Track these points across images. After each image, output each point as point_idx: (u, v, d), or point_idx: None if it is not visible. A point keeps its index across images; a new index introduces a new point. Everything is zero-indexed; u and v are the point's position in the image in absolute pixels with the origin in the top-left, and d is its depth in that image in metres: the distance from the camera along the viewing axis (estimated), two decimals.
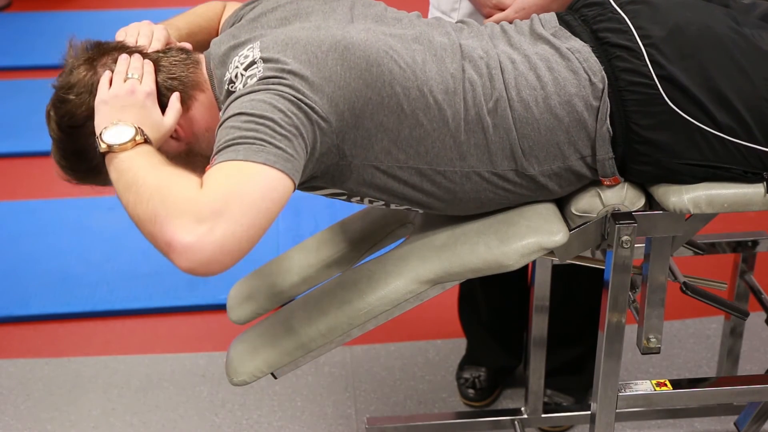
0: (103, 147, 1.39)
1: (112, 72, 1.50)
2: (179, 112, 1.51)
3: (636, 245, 1.59)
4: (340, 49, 1.44)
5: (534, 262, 1.99)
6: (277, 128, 1.34)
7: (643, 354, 1.72)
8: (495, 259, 1.57)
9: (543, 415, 2.20)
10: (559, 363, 2.29)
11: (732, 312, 1.92)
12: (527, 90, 1.51)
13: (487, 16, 1.86)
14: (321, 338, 1.61)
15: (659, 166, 1.54)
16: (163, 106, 1.49)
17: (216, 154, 1.34)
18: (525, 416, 2.19)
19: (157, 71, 1.52)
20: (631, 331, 1.73)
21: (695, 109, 1.50)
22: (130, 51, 1.54)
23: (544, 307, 2.04)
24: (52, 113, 1.54)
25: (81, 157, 1.52)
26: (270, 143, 1.32)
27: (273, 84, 1.39)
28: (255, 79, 1.42)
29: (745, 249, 2.05)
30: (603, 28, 1.56)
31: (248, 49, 1.48)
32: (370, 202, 1.58)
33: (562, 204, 1.63)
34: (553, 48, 1.55)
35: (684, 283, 1.80)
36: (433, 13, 2.11)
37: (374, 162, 1.50)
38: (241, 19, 1.64)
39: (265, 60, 1.44)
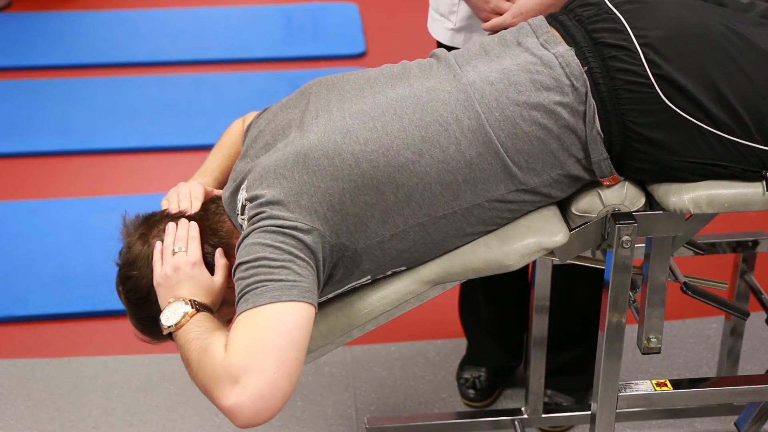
0: (164, 330, 1.50)
1: (162, 242, 1.59)
2: (227, 267, 1.59)
3: (636, 245, 1.59)
4: (302, 160, 1.50)
5: (534, 262, 1.99)
6: (272, 263, 1.42)
7: (643, 354, 1.72)
8: (495, 259, 1.57)
9: (543, 415, 2.20)
10: (560, 363, 2.29)
11: (732, 312, 1.92)
12: (510, 107, 1.51)
13: (485, 20, 1.86)
14: (321, 338, 1.61)
15: (658, 164, 1.54)
16: (210, 265, 1.58)
17: (236, 308, 1.43)
18: (525, 416, 2.19)
19: (202, 231, 1.60)
20: (631, 331, 1.73)
21: (693, 107, 1.50)
22: (175, 218, 1.62)
23: (544, 307, 2.04)
24: (120, 289, 1.65)
25: (153, 321, 1.58)
26: (270, 280, 1.40)
27: (256, 222, 1.48)
28: (246, 223, 1.51)
29: (745, 249, 2.05)
30: (598, 29, 1.56)
31: (241, 192, 1.56)
32: (394, 272, 1.61)
33: (562, 204, 1.63)
34: (535, 57, 1.55)
35: (684, 283, 1.80)
36: (431, 15, 2.10)
37: (376, 238, 1.52)
38: (245, 136, 1.71)
39: (249, 200, 1.52)
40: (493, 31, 1.81)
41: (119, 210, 1.71)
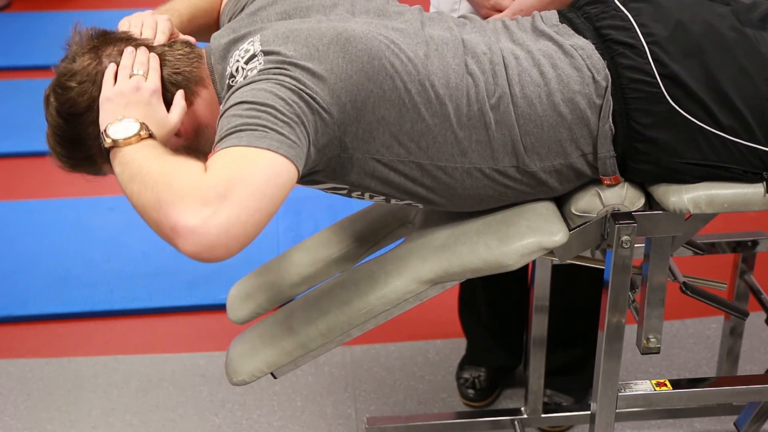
0: (108, 142, 1.38)
1: (117, 64, 1.49)
2: (184, 109, 1.51)
3: (636, 245, 1.59)
4: (342, 42, 1.44)
5: (534, 262, 1.99)
6: (279, 115, 1.33)
7: (643, 354, 1.72)
8: (495, 259, 1.57)
9: (543, 415, 2.20)
10: (559, 363, 2.29)
11: (732, 312, 1.92)
12: (531, 86, 1.51)
13: (485, 17, 1.86)
14: (321, 338, 1.61)
15: (659, 165, 1.54)
16: (167, 102, 1.49)
17: (218, 141, 1.33)
18: (525, 416, 2.19)
19: (162, 66, 1.51)
20: (631, 331, 1.73)
21: (697, 108, 1.50)
22: (136, 43, 1.53)
23: (544, 307, 2.04)
24: (51, 99, 1.52)
25: (78, 145, 1.51)
26: (273, 129, 1.32)
27: (274, 74, 1.39)
28: (256, 71, 1.41)
29: (745, 249, 2.05)
30: (606, 26, 1.56)
31: (249, 43, 1.48)
32: (371, 196, 1.58)
33: (561, 204, 1.63)
34: (556, 45, 1.55)
35: (684, 283, 1.80)
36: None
37: (375, 155, 1.50)
38: (241, 9, 1.63)
39: (266, 53, 1.43)
40: None
41: (119, 210, 1.70)
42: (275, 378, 1.66)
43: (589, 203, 1.58)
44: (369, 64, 1.44)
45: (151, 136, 1.40)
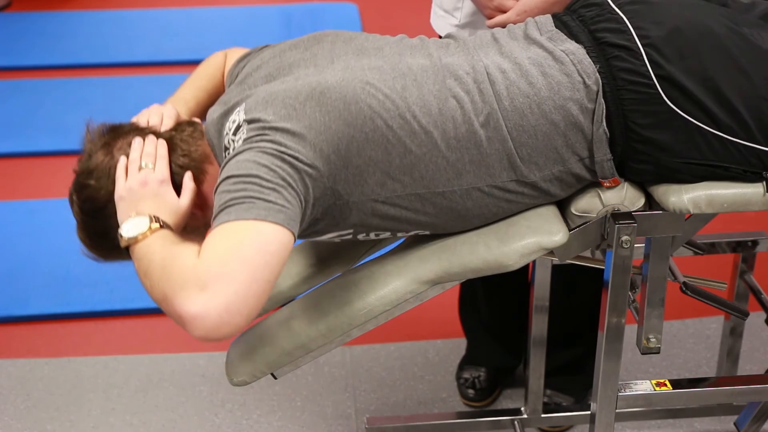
0: (123, 242, 1.45)
1: (128, 156, 1.55)
2: (194, 191, 1.55)
3: (636, 245, 1.59)
4: (317, 96, 1.47)
5: (534, 262, 1.99)
6: (264, 183, 1.37)
7: (643, 354, 1.72)
8: (495, 259, 1.57)
9: (543, 415, 2.20)
10: (559, 363, 2.29)
11: (732, 312, 1.92)
12: (520, 98, 1.51)
13: (489, 18, 1.86)
14: (321, 338, 1.61)
15: (658, 165, 1.54)
16: (177, 185, 1.54)
17: (212, 220, 1.37)
18: (525, 416, 2.19)
19: (170, 151, 1.56)
20: (631, 331, 1.73)
21: (695, 108, 1.50)
22: (143, 133, 1.59)
23: (544, 307, 2.04)
24: (74, 197, 1.60)
25: (104, 237, 1.57)
26: (259, 198, 1.35)
27: (256, 142, 1.43)
28: (241, 142, 1.45)
29: (745, 249, 2.05)
30: (601, 29, 1.56)
31: (236, 113, 1.52)
32: (377, 235, 1.59)
33: (561, 204, 1.63)
34: (546, 51, 1.55)
35: (684, 283, 1.80)
36: (435, 11, 2.10)
37: (371, 195, 1.51)
38: (234, 79, 1.67)
39: (249, 121, 1.47)
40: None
41: None
42: (275, 378, 1.66)
43: (589, 203, 1.58)
44: (346, 111, 1.46)
45: (162, 226, 1.45)
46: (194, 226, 1.53)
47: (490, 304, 2.36)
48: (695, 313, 2.64)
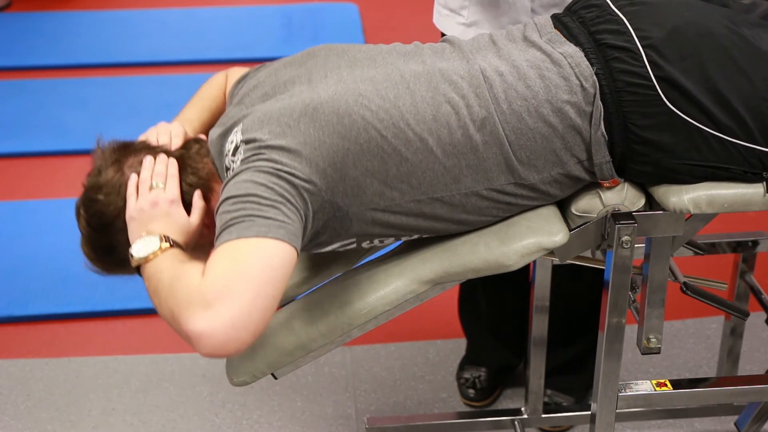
0: (134, 262, 1.47)
1: (138, 174, 1.56)
2: (203, 209, 1.58)
3: (636, 245, 1.59)
4: (310, 112, 1.48)
5: (534, 262, 1.99)
6: (263, 200, 1.39)
7: (643, 354, 1.72)
8: (495, 259, 1.57)
9: (543, 415, 2.20)
10: (560, 363, 2.29)
11: (732, 312, 1.92)
12: (518, 101, 1.51)
13: None
14: (321, 338, 1.61)
15: (659, 166, 1.54)
16: (187, 204, 1.56)
17: (215, 240, 1.39)
18: (525, 416, 2.19)
19: (180, 170, 1.58)
20: (631, 331, 1.73)
21: (694, 109, 1.50)
22: (154, 152, 1.60)
23: (544, 307, 2.04)
24: (82, 211, 1.61)
25: (109, 251, 1.59)
26: (259, 216, 1.37)
27: (252, 161, 1.45)
28: (239, 162, 1.48)
29: (745, 249, 2.05)
30: (601, 30, 1.56)
31: (234, 134, 1.53)
32: (381, 241, 1.60)
33: (562, 204, 1.63)
34: (544, 54, 1.55)
35: (684, 283, 1.80)
36: (439, 11, 2.09)
37: (370, 205, 1.52)
38: (233, 99, 1.68)
39: (245, 142, 1.49)
40: None
41: None
42: (276, 378, 1.66)
43: (590, 203, 1.58)
44: (340, 124, 1.47)
45: (172, 245, 1.47)
46: (201, 243, 1.55)
47: (490, 304, 2.36)
48: (695, 313, 2.64)
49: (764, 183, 1.55)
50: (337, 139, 1.47)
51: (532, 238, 1.57)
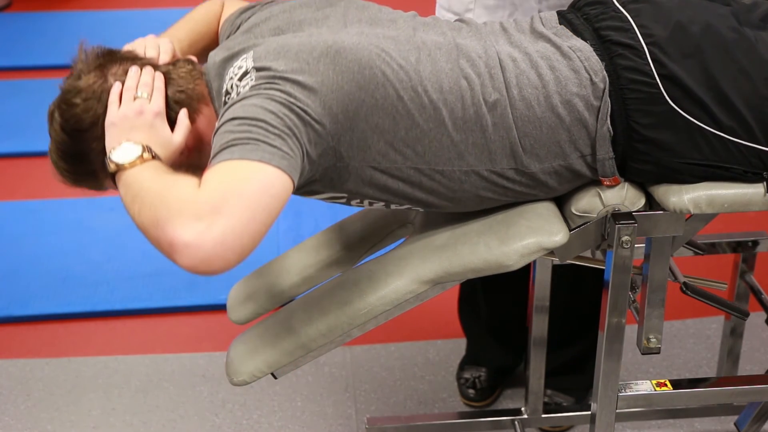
0: (111, 167, 1.42)
1: (122, 83, 1.51)
2: (188, 128, 1.53)
3: (636, 245, 1.59)
4: (332, 54, 1.45)
5: (534, 262, 1.99)
6: (271, 128, 1.35)
7: (643, 354, 1.72)
8: (495, 259, 1.57)
9: (543, 415, 2.20)
10: (560, 363, 2.29)
11: (732, 312, 1.92)
12: (529, 89, 1.51)
13: None
14: (321, 338, 1.61)
15: (659, 165, 1.54)
16: (171, 120, 1.52)
17: (212, 158, 1.35)
18: (525, 416, 2.19)
19: (167, 85, 1.54)
20: (631, 331, 1.73)
21: (696, 108, 1.50)
22: (141, 63, 1.55)
23: (544, 307, 2.04)
24: (56, 115, 1.55)
25: (81, 160, 1.54)
26: (264, 142, 1.34)
27: (265, 89, 1.41)
28: (248, 88, 1.43)
29: (745, 249, 2.05)
30: (605, 27, 1.56)
31: (242, 60, 1.50)
32: (370, 203, 1.58)
33: (562, 204, 1.63)
34: (554, 46, 1.55)
35: (684, 283, 1.80)
36: (442, 15, 2.09)
37: (372, 163, 1.50)
38: (237, 28, 1.65)
39: (257, 69, 1.45)
40: None
41: (119, 210, 1.70)
42: (276, 378, 1.66)
43: (590, 203, 1.58)
44: (360, 74, 1.45)
45: (154, 157, 1.43)
46: (179, 163, 1.49)
47: (490, 304, 2.36)
48: (695, 313, 2.64)
49: (764, 183, 1.55)
50: (355, 87, 1.44)
51: (532, 238, 1.57)
